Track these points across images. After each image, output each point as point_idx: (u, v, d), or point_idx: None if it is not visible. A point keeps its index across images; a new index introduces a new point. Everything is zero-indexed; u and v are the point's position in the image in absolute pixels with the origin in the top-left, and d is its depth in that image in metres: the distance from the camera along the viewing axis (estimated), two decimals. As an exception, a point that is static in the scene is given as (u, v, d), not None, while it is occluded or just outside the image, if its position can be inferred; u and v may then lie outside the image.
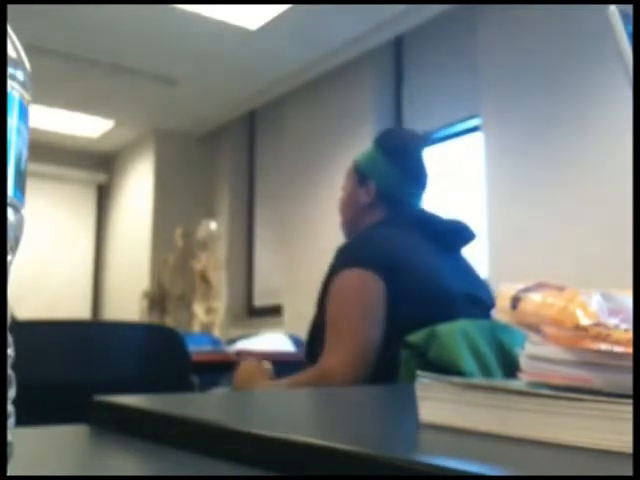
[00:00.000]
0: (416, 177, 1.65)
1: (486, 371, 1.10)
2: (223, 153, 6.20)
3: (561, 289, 0.47)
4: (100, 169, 7.02)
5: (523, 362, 0.47)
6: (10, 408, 0.31)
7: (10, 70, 0.31)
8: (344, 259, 1.49)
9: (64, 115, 5.83)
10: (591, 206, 3.19)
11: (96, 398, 0.61)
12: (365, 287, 1.43)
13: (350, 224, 1.70)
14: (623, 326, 0.42)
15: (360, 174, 1.67)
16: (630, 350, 0.39)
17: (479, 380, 0.49)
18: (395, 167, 1.63)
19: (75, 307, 6.63)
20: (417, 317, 1.26)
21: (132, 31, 4.37)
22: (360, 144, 4.58)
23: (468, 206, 3.87)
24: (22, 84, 0.32)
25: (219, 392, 2.03)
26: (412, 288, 1.44)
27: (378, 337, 1.40)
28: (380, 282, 1.41)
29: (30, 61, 0.34)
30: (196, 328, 5.34)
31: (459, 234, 1.63)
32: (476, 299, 1.51)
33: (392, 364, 1.15)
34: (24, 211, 0.33)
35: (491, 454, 0.40)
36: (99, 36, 4.43)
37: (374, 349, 1.39)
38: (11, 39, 0.32)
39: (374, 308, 1.42)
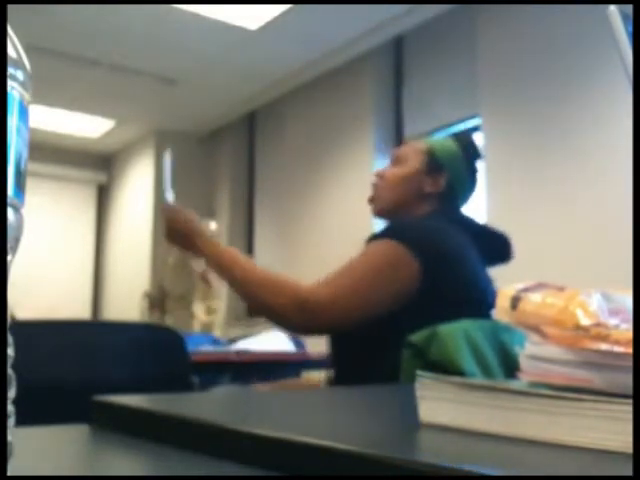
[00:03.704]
0: (476, 183, 1.63)
1: (487, 371, 1.10)
2: (223, 153, 6.19)
3: (561, 289, 0.47)
4: (100, 169, 7.02)
5: (523, 362, 0.47)
6: (10, 408, 0.31)
7: (10, 70, 0.31)
8: (389, 232, 1.41)
9: (64, 115, 5.83)
10: (591, 206, 3.19)
11: (96, 398, 0.61)
12: (394, 259, 1.34)
13: (395, 206, 1.55)
14: (623, 326, 0.42)
15: (434, 162, 1.55)
16: (630, 350, 0.39)
17: (479, 380, 0.49)
18: (468, 168, 1.59)
19: (75, 307, 6.63)
20: (451, 313, 1.20)
21: (132, 31, 4.37)
22: (360, 144, 4.60)
23: (468, 206, 3.86)
24: (22, 84, 0.32)
25: (220, 390, 2.03)
26: (456, 284, 1.39)
27: (376, 303, 1.34)
28: (415, 264, 1.33)
29: (30, 61, 0.34)
30: (196, 328, 5.33)
31: (502, 251, 1.58)
32: None
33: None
34: (24, 211, 0.33)
35: (491, 454, 0.40)
36: (99, 36, 4.43)
37: (368, 309, 1.33)
38: (11, 39, 0.32)
39: (390, 280, 1.34)
